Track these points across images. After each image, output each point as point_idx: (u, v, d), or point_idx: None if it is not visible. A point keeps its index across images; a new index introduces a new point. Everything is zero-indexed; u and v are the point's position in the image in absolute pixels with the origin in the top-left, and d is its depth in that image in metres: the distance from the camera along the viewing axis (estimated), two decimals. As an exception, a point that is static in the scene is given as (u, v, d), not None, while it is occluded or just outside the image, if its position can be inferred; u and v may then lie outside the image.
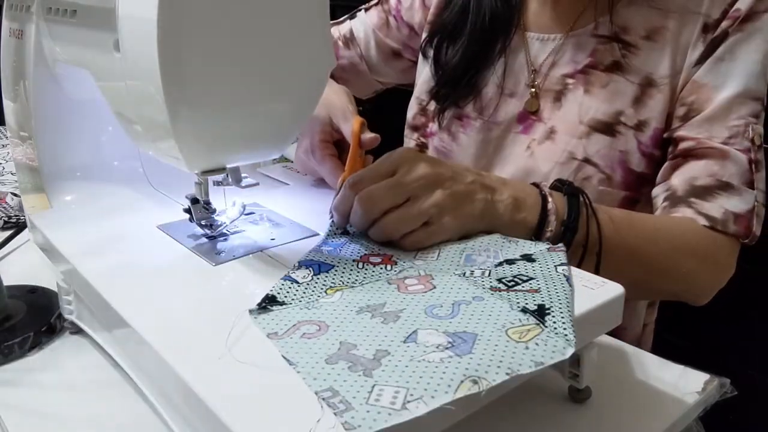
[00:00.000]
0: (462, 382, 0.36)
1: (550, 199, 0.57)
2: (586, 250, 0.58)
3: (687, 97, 0.66)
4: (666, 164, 0.67)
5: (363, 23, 0.92)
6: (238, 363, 0.40)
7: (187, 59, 0.45)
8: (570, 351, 0.40)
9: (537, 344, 0.40)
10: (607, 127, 0.68)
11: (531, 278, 0.47)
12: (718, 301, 0.90)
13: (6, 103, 0.76)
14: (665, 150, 0.69)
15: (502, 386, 0.38)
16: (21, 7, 0.67)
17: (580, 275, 0.49)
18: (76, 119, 0.70)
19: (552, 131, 0.72)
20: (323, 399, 0.35)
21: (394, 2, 0.90)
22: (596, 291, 0.47)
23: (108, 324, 0.52)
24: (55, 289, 0.61)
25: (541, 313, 0.43)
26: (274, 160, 0.85)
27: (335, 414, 0.34)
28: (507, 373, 0.37)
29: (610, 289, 0.47)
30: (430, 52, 0.83)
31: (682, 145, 0.66)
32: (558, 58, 0.73)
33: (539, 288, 0.46)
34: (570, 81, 0.71)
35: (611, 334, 0.52)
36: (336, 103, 0.72)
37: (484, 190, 0.56)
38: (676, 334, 0.93)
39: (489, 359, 0.38)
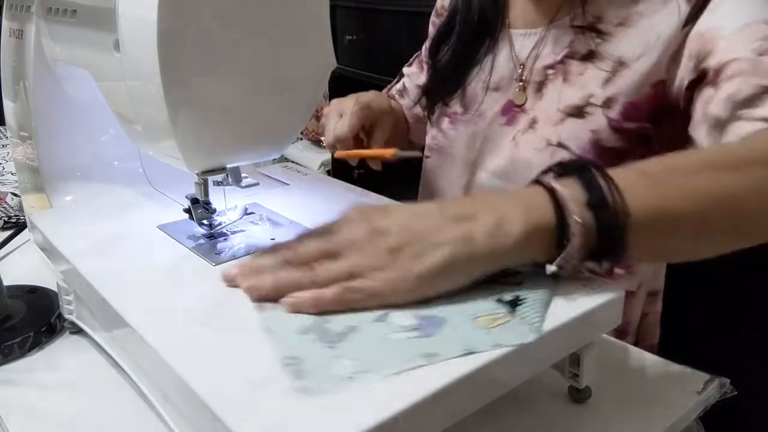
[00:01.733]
0: (416, 357, 0.38)
1: (558, 187, 0.44)
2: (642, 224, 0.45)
3: (693, 49, 0.63)
4: (699, 98, 0.61)
5: (408, 74, 0.97)
6: (238, 363, 0.40)
7: (187, 59, 0.45)
8: (533, 337, 0.40)
9: (501, 329, 0.41)
10: (578, 111, 0.70)
11: (518, 272, 0.48)
12: (718, 300, 0.89)
13: (6, 103, 0.76)
14: (639, 120, 0.68)
15: (494, 384, 0.38)
16: (21, 7, 0.67)
17: (579, 275, 0.49)
18: (76, 119, 0.70)
19: (534, 121, 0.74)
20: (286, 365, 0.38)
21: (424, 48, 0.94)
22: (596, 291, 0.47)
23: (108, 324, 0.52)
24: (55, 289, 0.61)
25: (514, 303, 0.43)
26: (274, 160, 0.85)
27: (295, 378, 0.37)
28: (463, 351, 0.39)
29: (610, 289, 0.47)
30: (432, 57, 0.86)
31: (710, 73, 0.60)
32: (540, 50, 0.75)
33: (522, 282, 0.46)
34: (550, 72, 0.73)
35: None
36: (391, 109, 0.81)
37: (455, 229, 0.44)
38: (677, 334, 0.93)
39: (450, 340, 0.40)
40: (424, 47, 0.94)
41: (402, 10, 1.52)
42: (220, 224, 0.59)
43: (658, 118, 0.68)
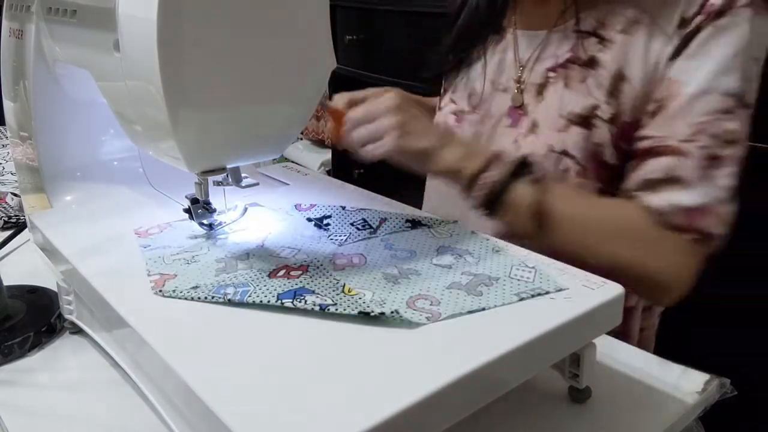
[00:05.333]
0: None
1: (496, 166, 0.63)
2: (535, 211, 0.62)
3: (657, 93, 0.66)
4: (628, 164, 0.68)
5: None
6: (239, 363, 0.40)
7: (187, 59, 0.45)
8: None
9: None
10: (584, 120, 0.70)
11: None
12: (718, 300, 0.89)
13: (6, 103, 0.76)
14: (631, 143, 0.69)
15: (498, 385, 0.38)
16: (21, 7, 0.67)
17: (579, 275, 0.49)
18: (76, 119, 0.70)
19: (534, 124, 0.73)
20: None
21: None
22: (596, 291, 0.47)
23: (108, 324, 0.52)
24: (55, 289, 0.61)
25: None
26: (274, 160, 0.85)
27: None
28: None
29: (610, 289, 0.47)
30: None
31: (643, 144, 0.66)
32: (541, 52, 0.75)
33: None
34: (552, 75, 0.73)
35: (609, 334, 0.52)
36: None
37: (439, 138, 0.65)
38: (676, 333, 0.93)
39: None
40: None
41: (402, 10, 1.52)
42: (220, 224, 0.59)
43: None
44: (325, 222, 0.60)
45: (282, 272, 0.50)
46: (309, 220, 0.61)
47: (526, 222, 0.63)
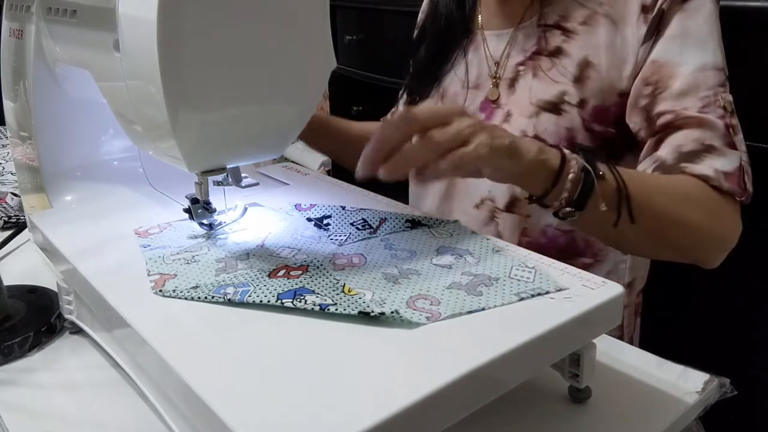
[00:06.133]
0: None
1: (566, 152, 0.58)
2: (621, 194, 0.59)
3: (650, 77, 0.69)
4: (648, 142, 0.70)
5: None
6: (239, 363, 0.40)
7: (187, 59, 0.45)
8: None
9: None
10: (553, 106, 0.74)
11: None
12: (718, 300, 0.90)
13: (6, 103, 0.76)
14: (606, 124, 0.73)
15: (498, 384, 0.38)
16: (21, 7, 0.67)
17: (579, 275, 0.49)
18: (76, 119, 0.70)
19: (508, 114, 0.77)
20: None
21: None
22: (596, 291, 0.47)
23: (108, 324, 0.52)
24: (55, 289, 0.61)
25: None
26: (274, 160, 0.85)
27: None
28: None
29: (610, 289, 0.47)
30: (412, 57, 0.92)
31: (661, 120, 0.68)
32: (511, 49, 0.79)
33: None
34: (521, 68, 0.77)
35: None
36: None
37: (510, 136, 0.57)
38: (676, 333, 0.93)
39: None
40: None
41: (402, 10, 1.52)
42: (220, 224, 0.59)
43: (621, 125, 0.73)
44: (325, 222, 0.60)
45: (282, 272, 0.50)
46: (309, 220, 0.61)
47: (609, 214, 0.59)
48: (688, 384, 0.52)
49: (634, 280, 0.81)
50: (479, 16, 0.83)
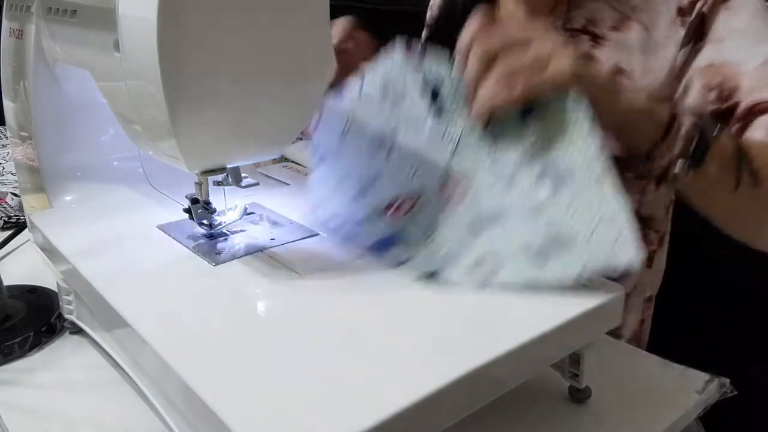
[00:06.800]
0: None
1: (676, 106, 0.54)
2: (742, 153, 0.54)
3: (711, 82, 0.65)
4: (731, 127, 0.64)
5: None
6: (238, 363, 0.40)
7: (187, 59, 0.45)
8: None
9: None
10: None
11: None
12: (718, 300, 0.89)
13: (6, 103, 0.76)
14: None
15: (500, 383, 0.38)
16: (21, 7, 0.67)
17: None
18: (76, 119, 0.70)
19: None
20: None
21: None
22: (596, 291, 0.47)
23: (108, 324, 0.52)
24: (55, 289, 0.61)
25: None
26: (274, 160, 0.85)
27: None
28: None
29: (610, 289, 0.47)
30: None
31: (740, 109, 0.63)
32: None
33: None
34: None
35: (610, 334, 0.52)
36: None
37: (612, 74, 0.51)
38: (676, 334, 0.93)
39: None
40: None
41: (402, 10, 1.52)
42: (220, 224, 0.59)
43: None
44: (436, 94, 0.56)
45: (393, 209, 0.54)
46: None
47: (728, 175, 0.54)
48: (688, 384, 0.52)
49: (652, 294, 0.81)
50: (498, 17, 0.78)
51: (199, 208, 0.57)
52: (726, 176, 0.54)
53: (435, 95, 0.55)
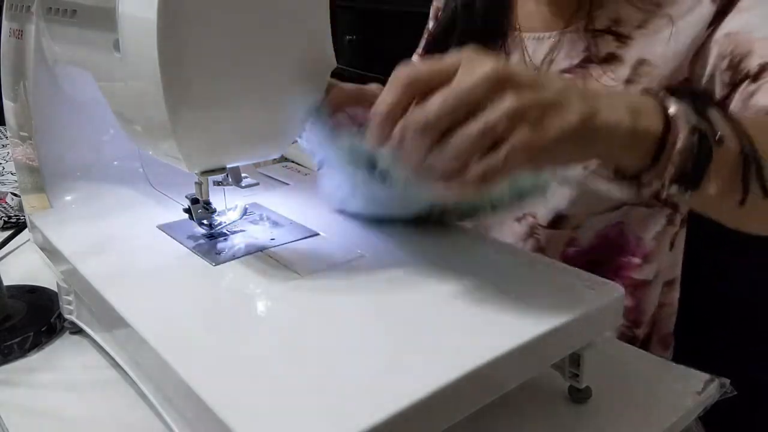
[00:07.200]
0: None
1: (672, 104, 0.43)
2: (749, 160, 0.45)
3: (726, 49, 0.63)
4: (739, 90, 0.62)
5: None
6: (238, 363, 0.40)
7: (187, 59, 0.45)
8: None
9: None
10: None
11: None
12: (718, 300, 0.89)
13: (6, 103, 0.76)
14: None
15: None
16: (21, 7, 0.67)
17: (579, 275, 0.49)
18: (76, 119, 0.70)
19: None
20: None
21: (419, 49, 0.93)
22: (596, 291, 0.47)
23: (108, 324, 0.52)
24: (55, 289, 0.61)
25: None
26: (274, 160, 0.85)
27: None
28: None
29: (611, 289, 0.47)
30: None
31: (751, 71, 0.60)
32: (555, 55, 0.73)
33: None
34: (568, 76, 0.72)
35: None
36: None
37: (582, 100, 0.39)
38: (676, 333, 0.92)
39: None
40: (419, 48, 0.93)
41: (402, 10, 1.52)
42: (220, 224, 0.59)
43: None
44: None
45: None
46: None
47: (732, 190, 0.46)
48: (688, 384, 0.52)
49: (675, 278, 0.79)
50: (516, 16, 0.77)
51: (199, 208, 0.57)
52: (731, 192, 0.46)
53: (373, 167, 0.48)
